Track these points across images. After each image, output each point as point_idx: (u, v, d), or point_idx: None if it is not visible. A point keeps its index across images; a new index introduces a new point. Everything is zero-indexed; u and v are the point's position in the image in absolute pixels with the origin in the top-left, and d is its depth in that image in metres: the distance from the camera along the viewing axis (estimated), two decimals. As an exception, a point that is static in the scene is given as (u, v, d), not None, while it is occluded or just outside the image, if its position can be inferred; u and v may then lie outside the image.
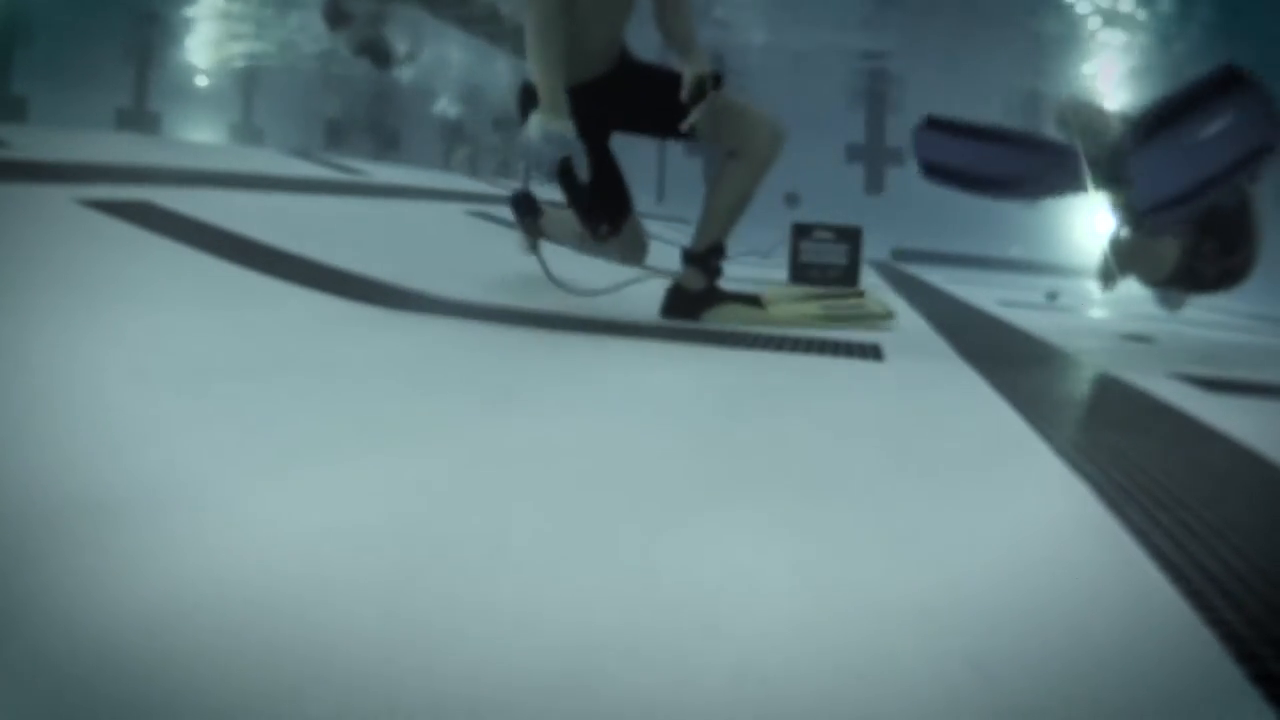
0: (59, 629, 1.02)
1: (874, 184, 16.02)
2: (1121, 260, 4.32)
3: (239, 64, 14.88)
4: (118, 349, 2.34)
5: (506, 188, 10.18)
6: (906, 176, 15.66)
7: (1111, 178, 3.95)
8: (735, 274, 7.49)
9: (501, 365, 2.80)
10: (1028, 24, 10.84)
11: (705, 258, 3.95)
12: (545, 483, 1.65)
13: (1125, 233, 4.25)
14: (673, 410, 2.32)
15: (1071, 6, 10.31)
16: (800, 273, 6.89)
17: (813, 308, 4.07)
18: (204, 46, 14.65)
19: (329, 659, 0.99)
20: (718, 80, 3.64)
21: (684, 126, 3.62)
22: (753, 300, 4.01)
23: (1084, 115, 4.15)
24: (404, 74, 13.65)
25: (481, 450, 1.83)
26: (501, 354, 2.96)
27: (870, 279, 7.56)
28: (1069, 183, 4.10)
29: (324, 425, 1.93)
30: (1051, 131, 4.21)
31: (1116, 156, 3.83)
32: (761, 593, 1.23)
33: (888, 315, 4.15)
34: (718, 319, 3.86)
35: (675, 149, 16.54)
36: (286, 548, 1.28)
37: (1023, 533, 1.55)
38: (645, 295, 4.15)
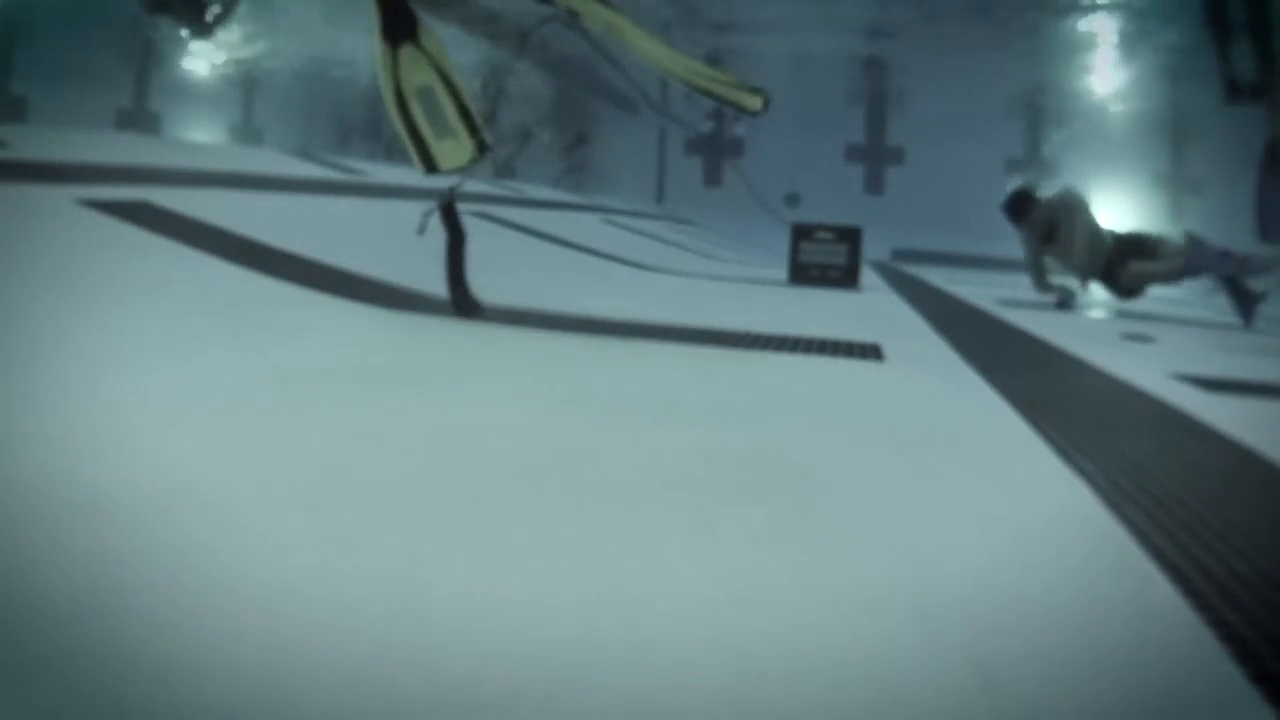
0: (59, 629, 1.02)
1: (874, 184, 16.02)
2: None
3: (246, 65, 14.87)
4: (117, 348, 2.34)
5: (505, 187, 10.18)
6: (906, 176, 15.70)
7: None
8: (734, 274, 7.51)
9: (501, 366, 2.80)
10: (1027, 24, 10.85)
11: None
12: (544, 484, 1.65)
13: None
14: (672, 411, 2.32)
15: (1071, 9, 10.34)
16: (800, 272, 6.89)
17: (679, 67, 3.63)
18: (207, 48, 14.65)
19: (329, 659, 0.99)
20: None
21: None
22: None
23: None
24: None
25: (481, 452, 1.83)
26: (501, 355, 2.96)
27: (870, 279, 7.56)
28: None
29: (322, 426, 1.93)
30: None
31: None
32: (761, 593, 1.23)
33: (754, 100, 3.59)
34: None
35: (675, 149, 16.55)
36: (287, 549, 1.28)
37: (1023, 533, 1.55)
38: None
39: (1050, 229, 6.46)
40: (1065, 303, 6.35)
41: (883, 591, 1.25)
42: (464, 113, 3.47)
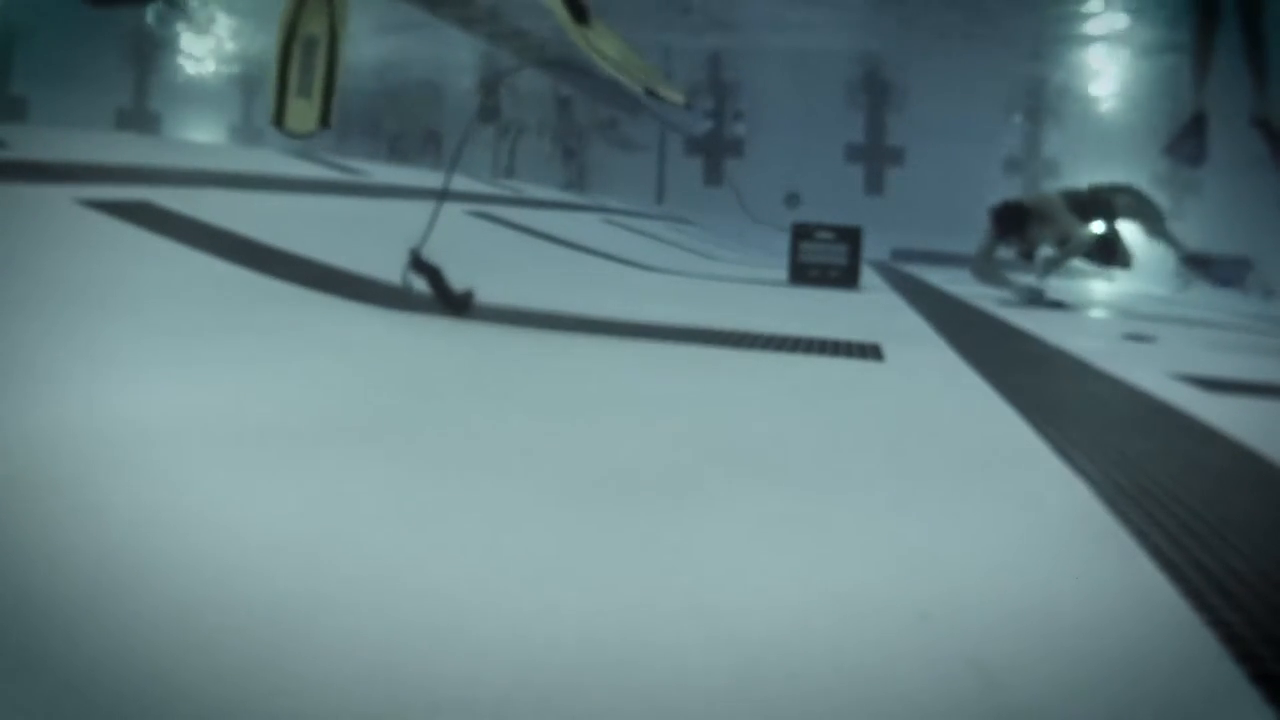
0: (59, 629, 1.02)
1: (874, 184, 16.01)
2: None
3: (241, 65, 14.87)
4: (117, 348, 2.34)
5: (508, 188, 10.18)
6: (906, 176, 15.70)
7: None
8: (734, 274, 7.51)
9: (500, 365, 2.80)
10: (1027, 25, 10.88)
11: None
12: (544, 483, 1.65)
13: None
14: (672, 410, 2.32)
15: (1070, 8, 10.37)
16: (800, 272, 6.89)
17: (627, 63, 3.63)
18: (207, 49, 14.64)
19: (329, 659, 0.99)
20: None
21: None
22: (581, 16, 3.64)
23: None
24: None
25: (480, 450, 1.83)
26: (501, 354, 2.96)
27: (870, 278, 7.56)
28: None
29: (320, 426, 1.93)
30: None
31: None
32: (761, 593, 1.23)
33: (678, 96, 3.64)
34: None
35: (675, 150, 16.55)
36: (286, 548, 1.28)
37: (1023, 533, 1.55)
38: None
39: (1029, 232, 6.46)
40: (1036, 299, 6.24)
41: (882, 591, 1.25)
42: (329, 81, 3.43)
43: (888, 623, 1.16)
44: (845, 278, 6.85)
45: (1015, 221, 6.49)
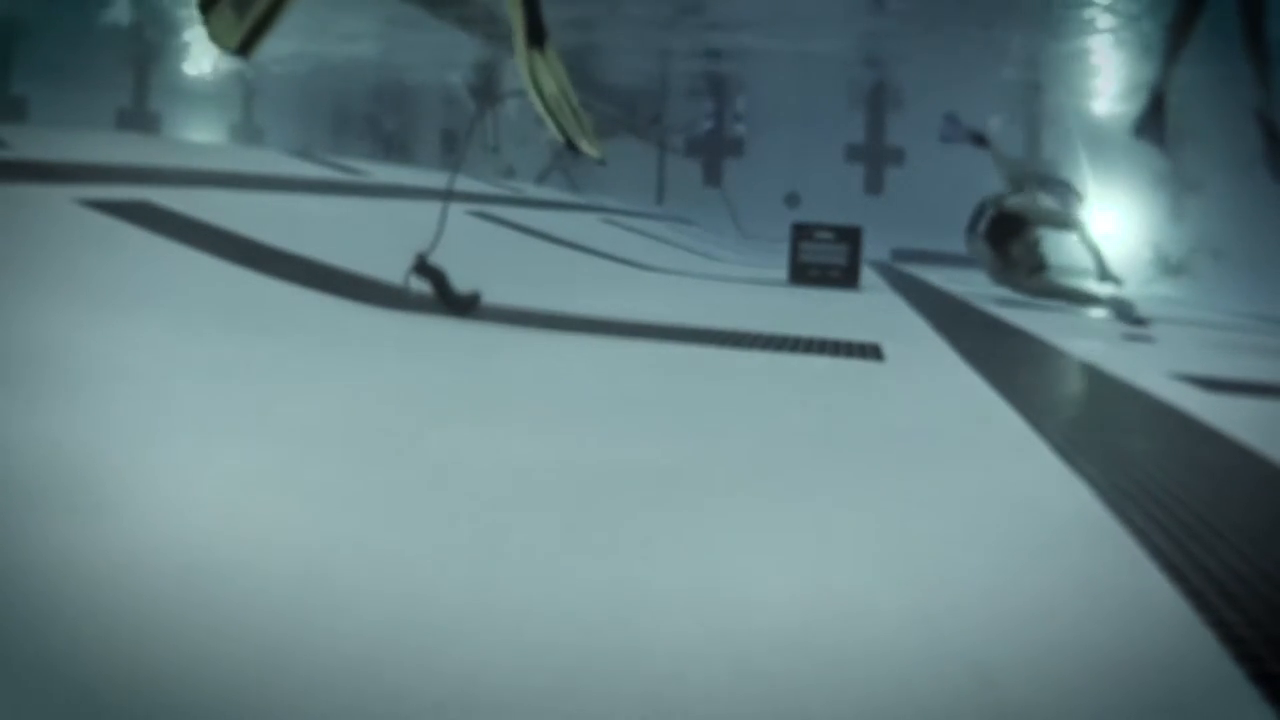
0: (59, 629, 1.02)
1: (874, 184, 15.99)
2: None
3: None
4: (116, 347, 2.34)
5: (507, 188, 10.17)
6: (906, 176, 15.68)
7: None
8: (735, 274, 7.50)
9: (500, 365, 2.80)
10: (1027, 24, 10.88)
11: None
12: (543, 482, 1.65)
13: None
14: (673, 410, 2.32)
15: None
16: (800, 272, 6.89)
17: (558, 105, 3.58)
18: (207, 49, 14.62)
19: (329, 659, 0.99)
20: None
21: None
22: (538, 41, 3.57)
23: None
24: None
25: (480, 449, 1.83)
26: (500, 354, 2.96)
27: (870, 278, 7.56)
28: None
29: (320, 426, 1.93)
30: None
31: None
32: (761, 593, 1.23)
33: (595, 151, 3.60)
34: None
35: (674, 150, 16.54)
36: (288, 549, 1.28)
37: (1023, 533, 1.55)
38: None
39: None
40: (1126, 314, 5.19)
41: (882, 590, 1.25)
42: (265, 17, 3.35)
43: (888, 621, 1.16)
44: (845, 278, 6.84)
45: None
